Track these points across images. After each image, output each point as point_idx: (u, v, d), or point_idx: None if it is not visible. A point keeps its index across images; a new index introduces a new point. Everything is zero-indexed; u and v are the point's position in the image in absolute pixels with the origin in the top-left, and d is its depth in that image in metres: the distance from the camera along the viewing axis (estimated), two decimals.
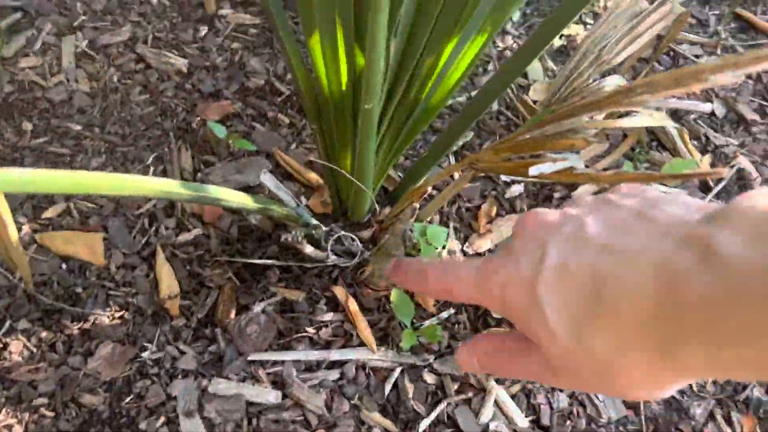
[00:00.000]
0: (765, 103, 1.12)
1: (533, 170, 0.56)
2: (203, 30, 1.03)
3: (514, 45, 1.13)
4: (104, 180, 0.50)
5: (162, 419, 0.71)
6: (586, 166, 0.99)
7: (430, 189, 0.73)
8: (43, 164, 0.85)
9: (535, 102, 1.05)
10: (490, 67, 1.11)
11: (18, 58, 0.93)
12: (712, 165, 1.03)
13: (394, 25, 0.65)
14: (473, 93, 1.07)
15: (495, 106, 1.06)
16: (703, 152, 1.04)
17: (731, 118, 1.09)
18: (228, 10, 1.05)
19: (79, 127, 0.89)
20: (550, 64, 1.12)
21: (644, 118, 0.61)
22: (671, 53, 1.16)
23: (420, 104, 0.73)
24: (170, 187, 0.55)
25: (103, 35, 0.98)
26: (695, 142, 1.05)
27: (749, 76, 1.15)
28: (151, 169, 0.87)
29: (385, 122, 0.74)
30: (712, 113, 1.09)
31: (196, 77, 0.97)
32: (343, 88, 0.70)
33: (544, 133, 0.59)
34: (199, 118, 0.93)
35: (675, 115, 1.08)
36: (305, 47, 0.68)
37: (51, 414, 0.69)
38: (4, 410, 0.69)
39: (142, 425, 0.70)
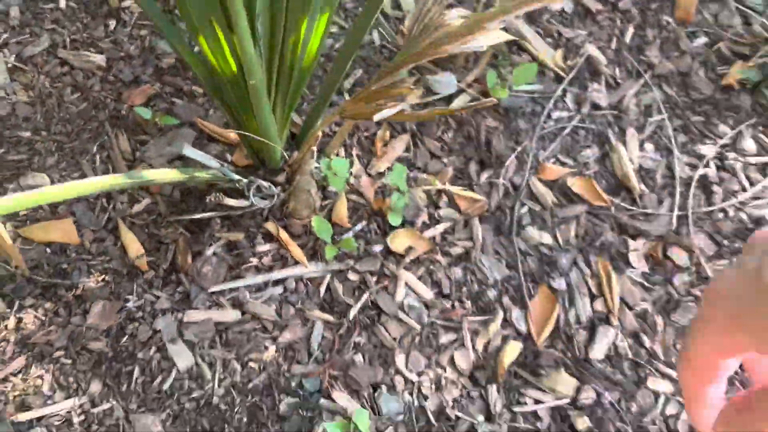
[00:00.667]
0: None
1: (377, 116, 0.75)
2: (112, 24, 1.17)
3: None
4: (62, 190, 0.69)
5: (153, 348, 0.93)
6: (458, 81, 1.18)
7: (321, 133, 0.92)
8: (6, 172, 1.02)
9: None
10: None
11: None
12: (565, 57, 1.23)
13: (255, 16, 0.82)
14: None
15: (377, 40, 1.23)
16: (556, 47, 1.24)
17: (579, 12, 1.28)
18: (129, 1, 1.19)
19: (28, 134, 1.06)
20: None
21: (489, 37, 0.81)
22: None
23: (296, 69, 0.91)
24: (113, 180, 0.75)
25: (27, 47, 1.12)
26: (549, 39, 1.24)
27: None
28: (97, 156, 1.05)
29: (272, 89, 0.92)
30: (563, 10, 1.28)
31: (116, 69, 1.13)
32: (233, 69, 0.87)
33: (382, 85, 0.78)
34: (126, 105, 1.09)
35: (530, 17, 1.26)
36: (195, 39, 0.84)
37: (69, 361, 0.91)
38: (33, 366, 0.91)
39: (140, 355, 0.92)
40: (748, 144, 1.17)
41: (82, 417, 0.88)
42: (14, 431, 0.85)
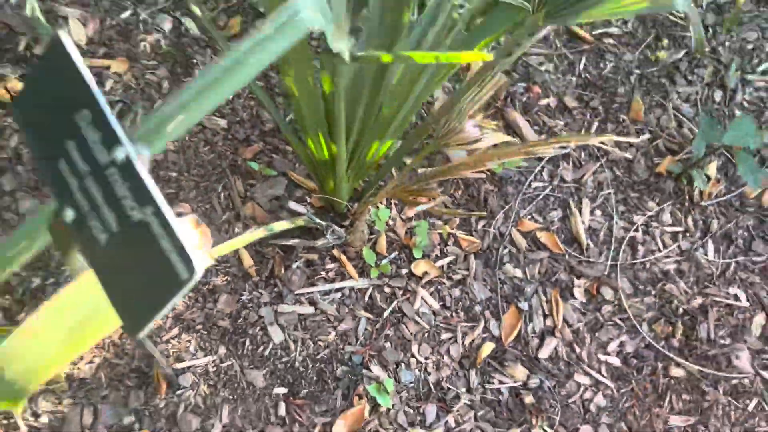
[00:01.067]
0: (583, 92, 1.79)
1: (416, 209, 1.26)
2: (230, 95, 1.66)
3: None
4: (244, 238, 1.20)
5: (258, 328, 1.45)
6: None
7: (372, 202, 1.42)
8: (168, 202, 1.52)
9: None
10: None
11: None
12: None
13: (352, 131, 1.31)
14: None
15: (413, 118, 1.72)
16: (540, 133, 1.73)
17: (560, 107, 1.77)
18: None
19: (175, 174, 1.56)
20: (447, 83, 1.77)
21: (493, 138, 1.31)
22: (524, 64, 1.81)
23: (369, 160, 1.41)
24: (261, 233, 1.26)
25: None
26: (536, 127, 1.73)
27: (572, 74, 1.81)
28: (222, 194, 1.56)
29: (350, 168, 1.42)
30: (548, 105, 1.76)
31: (233, 130, 1.62)
32: (325, 157, 1.38)
33: (420, 186, 1.28)
34: (240, 158, 1.60)
35: (524, 109, 1.75)
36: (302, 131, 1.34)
37: (205, 333, 1.43)
38: (183, 334, 1.43)
39: (250, 331, 1.45)
40: (666, 217, 1.68)
41: (214, 368, 1.41)
42: (173, 374, 1.38)
